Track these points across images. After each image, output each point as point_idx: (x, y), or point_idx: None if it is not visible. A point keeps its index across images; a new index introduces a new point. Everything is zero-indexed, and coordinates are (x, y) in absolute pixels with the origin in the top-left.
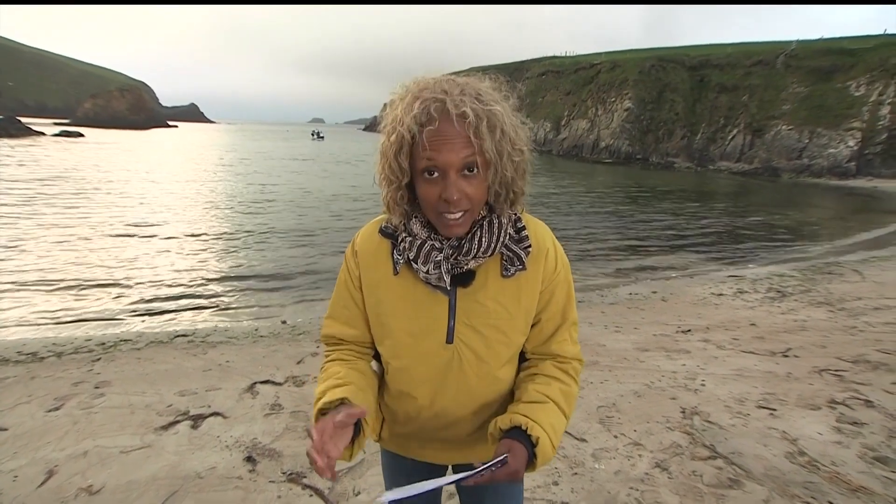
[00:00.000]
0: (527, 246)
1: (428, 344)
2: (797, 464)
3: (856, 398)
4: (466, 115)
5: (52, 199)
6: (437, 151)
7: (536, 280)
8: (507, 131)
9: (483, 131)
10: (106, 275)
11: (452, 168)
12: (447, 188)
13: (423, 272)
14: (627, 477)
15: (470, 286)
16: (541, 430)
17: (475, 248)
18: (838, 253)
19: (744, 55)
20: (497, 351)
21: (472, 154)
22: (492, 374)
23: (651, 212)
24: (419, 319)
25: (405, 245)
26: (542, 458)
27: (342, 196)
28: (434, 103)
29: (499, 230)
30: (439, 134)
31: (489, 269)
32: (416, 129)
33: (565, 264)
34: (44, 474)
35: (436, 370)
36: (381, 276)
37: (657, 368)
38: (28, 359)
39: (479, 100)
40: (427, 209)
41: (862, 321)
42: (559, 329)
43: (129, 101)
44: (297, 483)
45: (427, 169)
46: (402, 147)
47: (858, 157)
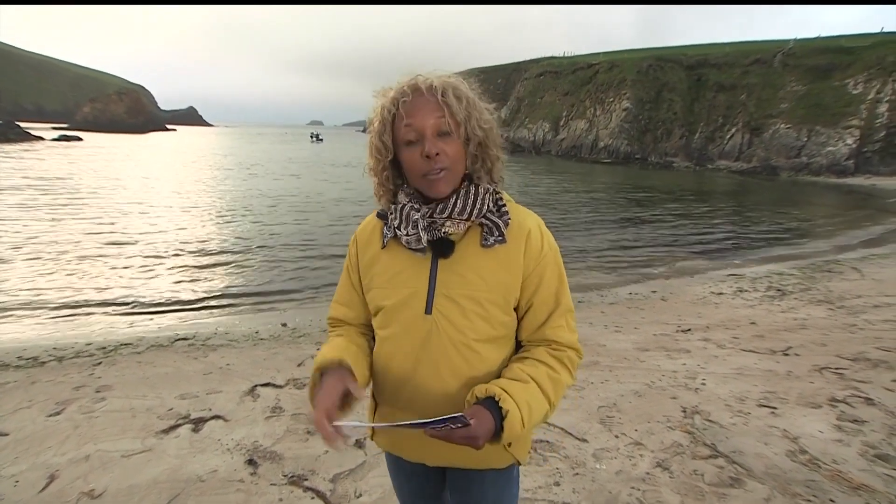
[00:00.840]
0: (506, 217)
1: (408, 314)
2: (798, 462)
3: (856, 396)
4: (434, 85)
5: (51, 203)
6: (413, 117)
7: (518, 257)
8: (472, 100)
9: (450, 97)
10: (106, 279)
11: (428, 128)
12: (426, 145)
13: (404, 237)
14: (629, 477)
15: (450, 257)
16: (513, 404)
17: (451, 207)
18: (837, 251)
19: (741, 54)
20: (474, 323)
21: (444, 116)
22: (471, 348)
23: (650, 211)
24: (401, 289)
25: (393, 215)
26: (508, 433)
27: (342, 199)
28: (407, 84)
29: (475, 196)
30: (414, 104)
31: (469, 241)
32: (394, 107)
33: (553, 247)
34: (45, 479)
35: (417, 340)
36: (374, 254)
37: (657, 368)
38: (28, 363)
39: (445, 77)
40: (412, 175)
41: (862, 319)
42: (553, 314)
43: (128, 104)
44: (299, 485)
45: (407, 136)
46: (384, 127)
47: (857, 155)
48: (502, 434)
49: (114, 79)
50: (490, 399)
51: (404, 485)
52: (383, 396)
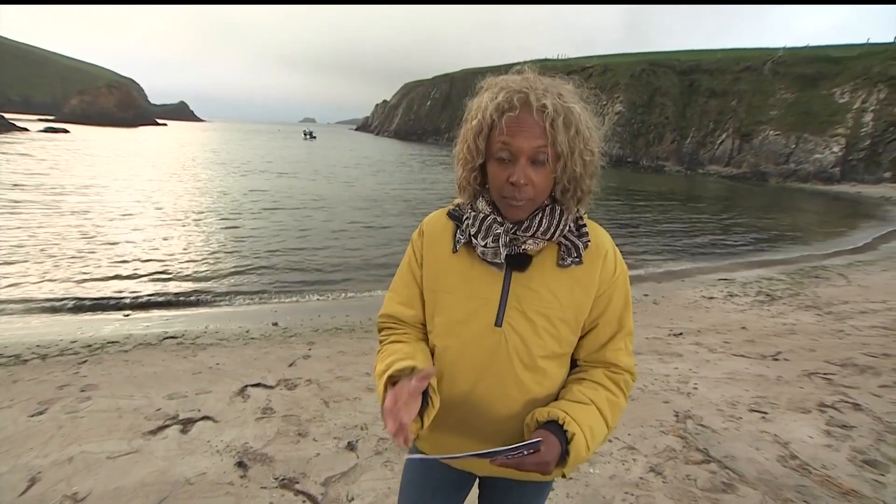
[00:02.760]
0: (586, 239)
1: (477, 325)
2: (789, 467)
3: (844, 401)
4: (546, 107)
5: (35, 197)
6: (513, 136)
7: (593, 278)
8: (581, 130)
9: (559, 125)
10: (92, 276)
11: (524, 154)
12: (515, 172)
13: (480, 246)
14: (622, 482)
15: (525, 271)
16: (577, 428)
17: (535, 227)
18: (824, 257)
19: (732, 61)
20: (544, 340)
21: (545, 145)
22: (537, 364)
23: (641, 215)
24: (471, 299)
25: (469, 221)
26: (574, 457)
27: (336, 199)
28: (518, 94)
29: (559, 217)
30: (518, 121)
31: (546, 258)
32: (497, 115)
33: (624, 271)
34: (26, 482)
35: (482, 353)
36: (442, 254)
37: (650, 372)
38: (10, 361)
39: (560, 97)
40: (494, 190)
41: (849, 325)
42: (615, 337)
43: (118, 97)
44: (290, 489)
45: (500, 152)
46: (481, 130)
47: (843, 163)
48: (568, 458)
49: (104, 71)
50: (553, 423)
51: (427, 498)
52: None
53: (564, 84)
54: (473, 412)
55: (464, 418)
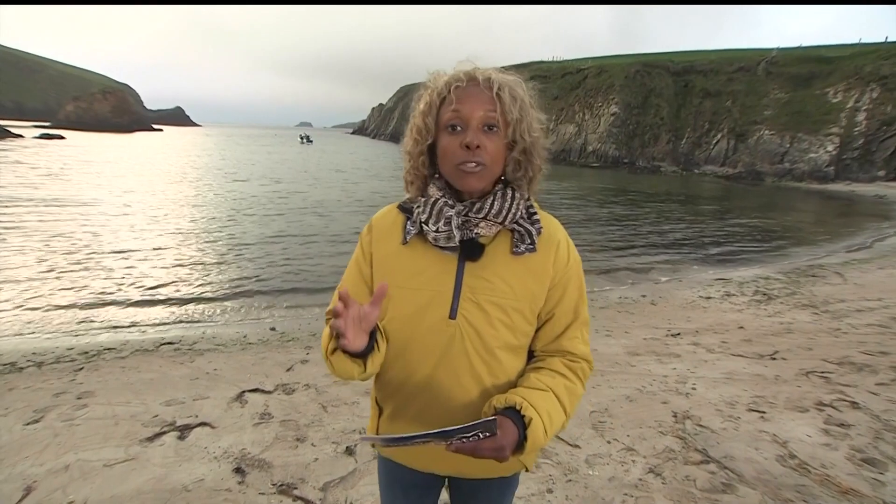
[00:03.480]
0: (538, 226)
1: (431, 318)
2: (788, 467)
3: (842, 400)
4: (492, 78)
5: (33, 203)
6: (463, 103)
7: (546, 267)
8: (527, 104)
9: (506, 96)
10: (89, 281)
11: (475, 119)
12: (468, 134)
13: (432, 232)
14: (621, 483)
15: (478, 261)
16: (534, 413)
17: (487, 208)
18: (820, 256)
19: (726, 61)
20: (498, 331)
21: (494, 111)
22: (493, 355)
23: (638, 215)
24: (424, 291)
25: (420, 209)
26: (532, 443)
27: (335, 203)
28: (464, 71)
29: (511, 200)
30: (466, 91)
31: (498, 247)
32: (446, 91)
33: (577, 260)
34: (22, 490)
35: (437, 345)
36: (392, 248)
37: (648, 372)
38: (6, 369)
39: (505, 75)
40: (446, 163)
41: (845, 323)
42: (571, 326)
43: (113, 103)
44: (288, 494)
45: (451, 122)
46: (430, 108)
47: (837, 162)
48: (525, 444)
49: (98, 77)
50: (510, 409)
51: (399, 498)
52: (393, 405)
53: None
54: (430, 404)
55: (421, 410)
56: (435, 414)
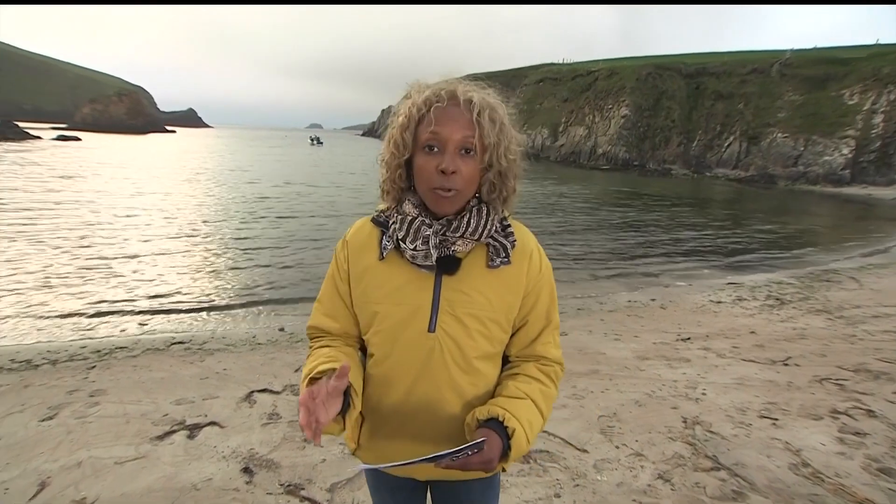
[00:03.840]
0: (512, 239)
1: (410, 332)
2: (801, 475)
3: (858, 408)
4: (473, 100)
5: (49, 203)
6: (441, 126)
7: (520, 278)
8: (506, 126)
9: (485, 118)
10: (101, 282)
11: (452, 143)
12: (445, 160)
13: (409, 250)
14: (630, 489)
15: (455, 275)
16: (517, 423)
17: (464, 227)
18: (835, 260)
19: (739, 63)
20: (477, 342)
21: (473, 136)
22: (472, 366)
23: (648, 219)
24: (403, 306)
25: (396, 226)
26: (516, 451)
27: (345, 204)
28: (445, 89)
29: (487, 216)
30: (446, 112)
31: (474, 260)
32: (426, 108)
33: (548, 267)
34: (36, 486)
35: (417, 358)
36: (369, 264)
37: (658, 377)
38: (21, 366)
39: (487, 96)
40: (422, 183)
41: (861, 329)
42: (543, 331)
43: (128, 105)
44: (296, 495)
45: (429, 143)
46: (409, 124)
47: (852, 165)
48: (510, 453)
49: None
50: (493, 420)
51: (386, 497)
52: (375, 416)
53: (487, 87)
54: (411, 417)
55: (402, 423)
56: (416, 425)
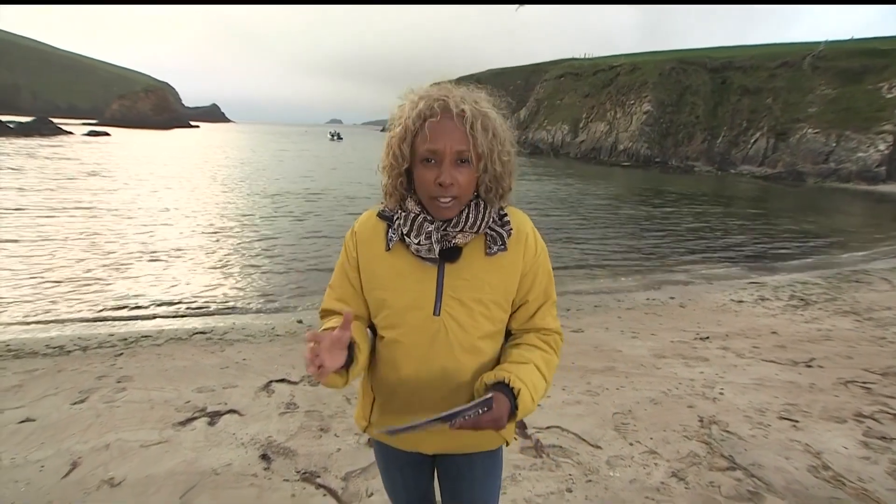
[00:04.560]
0: (509, 228)
1: (417, 316)
2: (821, 478)
3: (885, 412)
4: (465, 112)
5: (75, 196)
6: (436, 141)
7: (517, 261)
8: (498, 133)
9: (478, 128)
10: (126, 273)
11: (448, 156)
12: (442, 173)
13: (414, 244)
14: (643, 486)
15: (456, 262)
16: (521, 383)
17: (463, 222)
18: (866, 260)
19: (768, 57)
20: (479, 323)
21: (467, 148)
22: (475, 346)
23: (670, 216)
24: (409, 293)
25: (400, 221)
26: (522, 409)
27: (359, 196)
28: (437, 101)
29: (484, 210)
30: (440, 126)
31: (474, 248)
32: (420, 122)
33: (543, 248)
34: (68, 465)
35: (424, 340)
36: (376, 254)
37: (674, 376)
38: (55, 352)
39: (476, 104)
40: (422, 192)
41: (891, 332)
42: (542, 307)
43: (154, 101)
44: (311, 482)
45: (426, 156)
46: (405, 136)
47: (889, 162)
48: (517, 412)
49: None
50: (499, 384)
51: (396, 476)
52: (385, 394)
53: (478, 93)
54: (419, 394)
55: (410, 400)
56: (424, 401)
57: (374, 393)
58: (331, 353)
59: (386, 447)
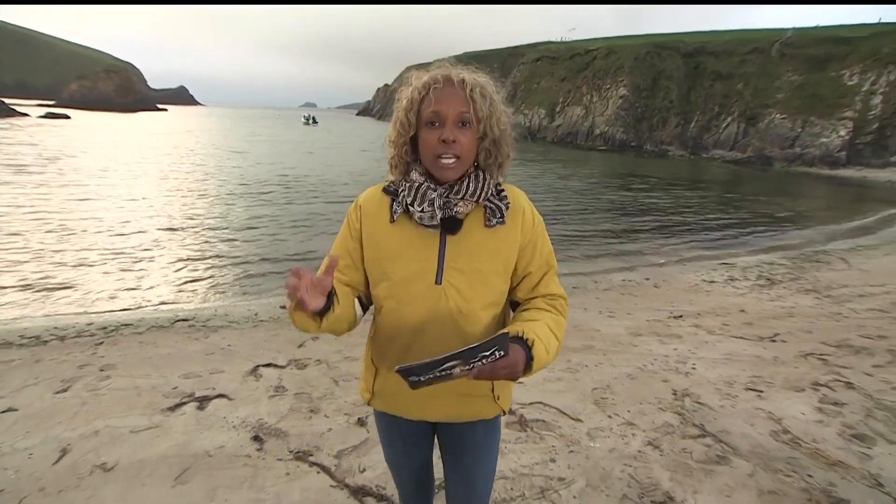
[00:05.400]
0: (507, 202)
1: (419, 285)
2: (781, 441)
3: (838, 380)
4: (465, 80)
5: (42, 183)
6: (440, 104)
7: (515, 233)
8: (496, 101)
9: (477, 95)
10: (103, 260)
11: (450, 117)
12: (445, 131)
13: (417, 212)
14: (621, 454)
15: (457, 233)
16: (535, 336)
17: (464, 190)
18: (826, 241)
19: (739, 42)
20: (478, 291)
21: (468, 110)
22: (474, 313)
23: (644, 199)
24: (412, 262)
25: (405, 192)
26: (537, 361)
27: (336, 181)
28: (441, 73)
29: (484, 181)
30: (443, 92)
31: (474, 221)
32: (425, 90)
33: (540, 220)
34: (58, 452)
35: (425, 308)
36: (380, 226)
37: (650, 352)
38: (31, 342)
39: (476, 76)
40: (426, 154)
41: (847, 308)
42: (545, 275)
43: (117, 82)
44: (305, 461)
45: (431, 118)
46: (412, 105)
47: (849, 147)
48: (532, 363)
49: (102, 55)
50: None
51: (397, 442)
52: (387, 363)
53: (478, 70)
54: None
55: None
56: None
57: (375, 365)
58: (311, 294)
59: (390, 417)
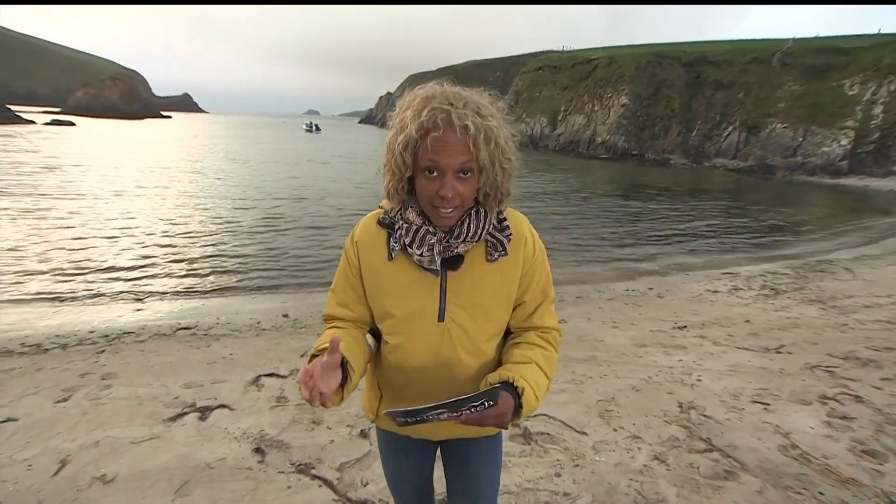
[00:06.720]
0: (508, 234)
1: (422, 322)
2: (790, 456)
3: (846, 394)
4: (468, 127)
5: (48, 190)
6: (439, 155)
7: (517, 264)
8: (500, 143)
9: (480, 142)
10: (105, 268)
11: (450, 170)
12: (444, 186)
13: (416, 255)
14: (627, 469)
15: (458, 269)
16: (525, 382)
17: (464, 233)
18: (830, 251)
19: (740, 52)
20: (482, 327)
21: (469, 160)
22: (478, 348)
23: (647, 208)
24: (413, 300)
25: (402, 232)
26: (526, 407)
27: (340, 190)
28: (441, 113)
29: (484, 218)
30: (442, 140)
31: (475, 255)
32: (422, 133)
33: (542, 249)
34: (57, 463)
35: (428, 345)
36: (379, 262)
37: (654, 363)
38: (32, 350)
39: (479, 114)
40: (423, 201)
41: (853, 319)
42: (540, 305)
43: (122, 90)
44: (307, 474)
45: (428, 168)
46: (408, 145)
47: (851, 156)
48: (521, 410)
49: (107, 63)
50: (504, 383)
51: (402, 461)
52: (392, 394)
53: (481, 98)
54: (425, 396)
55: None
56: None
57: (380, 391)
58: (325, 379)
59: (392, 435)
